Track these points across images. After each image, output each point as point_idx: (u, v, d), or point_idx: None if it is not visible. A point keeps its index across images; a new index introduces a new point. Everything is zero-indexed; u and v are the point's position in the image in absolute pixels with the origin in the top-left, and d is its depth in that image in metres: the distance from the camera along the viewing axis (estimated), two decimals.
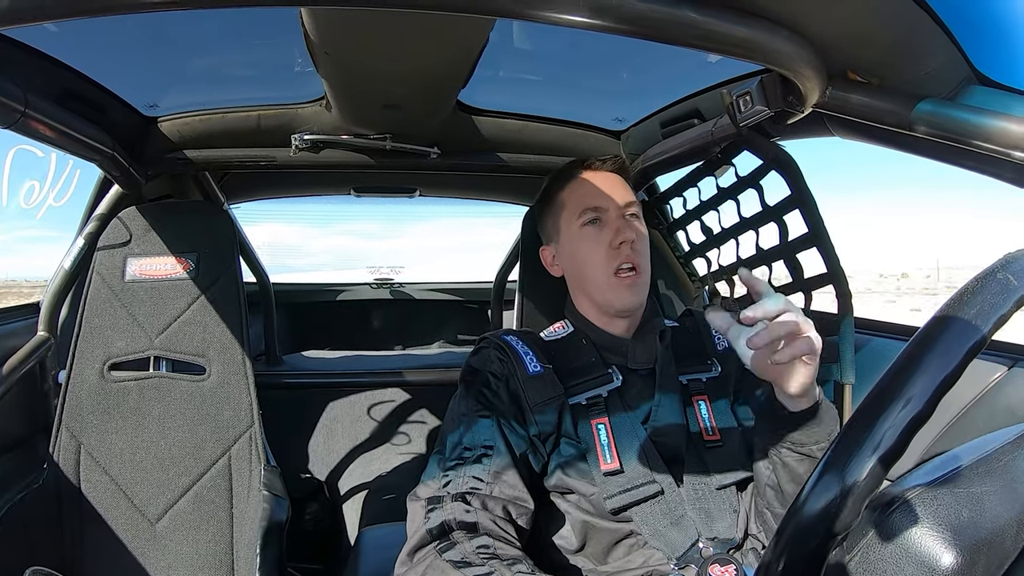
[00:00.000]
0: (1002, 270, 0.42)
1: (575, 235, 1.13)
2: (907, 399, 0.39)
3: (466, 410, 1.03)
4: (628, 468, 0.99)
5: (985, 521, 0.43)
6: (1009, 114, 0.70)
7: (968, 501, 0.43)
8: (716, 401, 1.10)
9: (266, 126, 1.54)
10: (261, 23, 1.18)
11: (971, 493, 0.44)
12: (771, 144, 1.28)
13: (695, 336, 1.19)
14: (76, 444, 1.45)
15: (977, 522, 0.42)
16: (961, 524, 0.42)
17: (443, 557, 0.83)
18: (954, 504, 0.43)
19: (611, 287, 1.09)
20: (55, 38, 1.14)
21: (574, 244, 1.14)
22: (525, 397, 1.03)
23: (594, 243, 1.11)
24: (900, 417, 0.40)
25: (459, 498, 0.92)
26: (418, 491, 0.96)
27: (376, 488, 2.15)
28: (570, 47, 1.31)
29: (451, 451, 0.98)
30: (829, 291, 1.25)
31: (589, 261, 1.11)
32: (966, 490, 0.44)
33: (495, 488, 0.93)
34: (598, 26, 0.68)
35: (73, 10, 0.64)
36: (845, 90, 0.86)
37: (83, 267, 1.56)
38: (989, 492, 0.44)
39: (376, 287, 3.01)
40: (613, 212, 1.12)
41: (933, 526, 0.42)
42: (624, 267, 1.09)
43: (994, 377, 1.10)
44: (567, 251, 1.16)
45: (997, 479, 0.45)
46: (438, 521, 0.88)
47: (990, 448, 0.49)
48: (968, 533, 0.42)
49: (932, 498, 0.43)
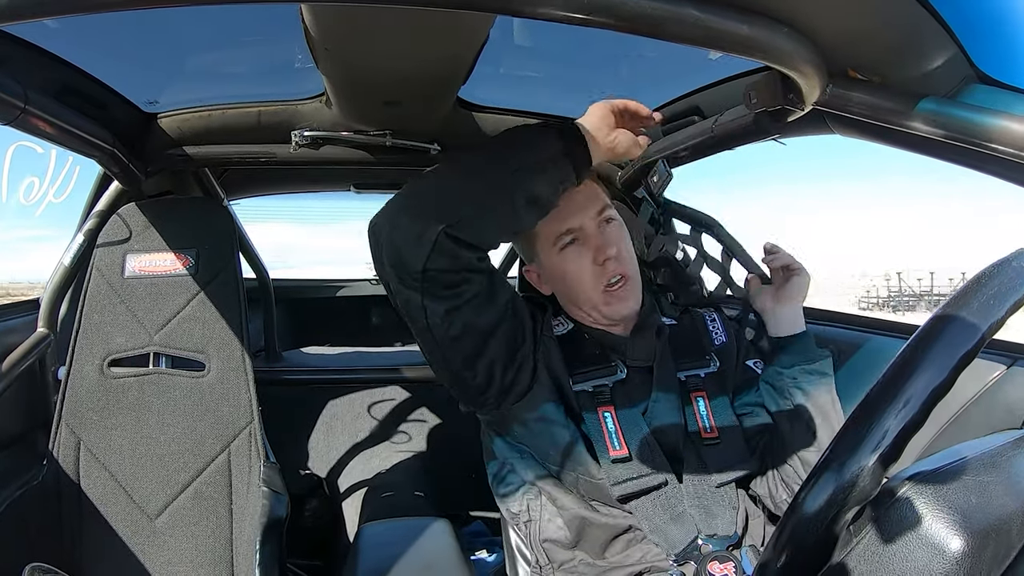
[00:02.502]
0: (1017, 259, 0.42)
1: (556, 259, 1.10)
2: (907, 399, 0.39)
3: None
4: (635, 456, 1.00)
5: (993, 507, 0.42)
6: (1010, 113, 0.69)
7: (975, 488, 0.43)
8: (715, 399, 1.10)
9: (266, 122, 1.54)
10: (261, 19, 1.17)
11: (978, 481, 0.44)
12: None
13: (693, 332, 1.19)
14: (76, 440, 1.45)
15: (985, 507, 0.42)
16: (970, 509, 0.42)
17: None
18: (962, 490, 0.43)
19: (605, 302, 1.08)
20: (55, 34, 1.13)
21: (557, 268, 1.11)
22: (543, 357, 1.07)
23: (577, 264, 1.08)
24: (902, 414, 0.39)
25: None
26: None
27: (375, 485, 2.15)
28: (570, 44, 1.30)
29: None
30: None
31: (577, 281, 1.09)
32: (973, 478, 0.44)
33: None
34: (598, 23, 0.68)
35: (73, 6, 0.64)
36: (846, 88, 0.86)
37: (83, 263, 1.56)
38: (994, 482, 0.44)
39: (376, 283, 3.00)
40: (589, 226, 1.08)
41: (942, 510, 0.41)
42: (613, 281, 1.07)
43: (993, 376, 1.10)
44: (551, 274, 1.13)
45: (1001, 472, 0.45)
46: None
47: (991, 446, 0.49)
48: (977, 518, 0.41)
49: (940, 484, 0.43)
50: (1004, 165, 0.75)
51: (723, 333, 1.19)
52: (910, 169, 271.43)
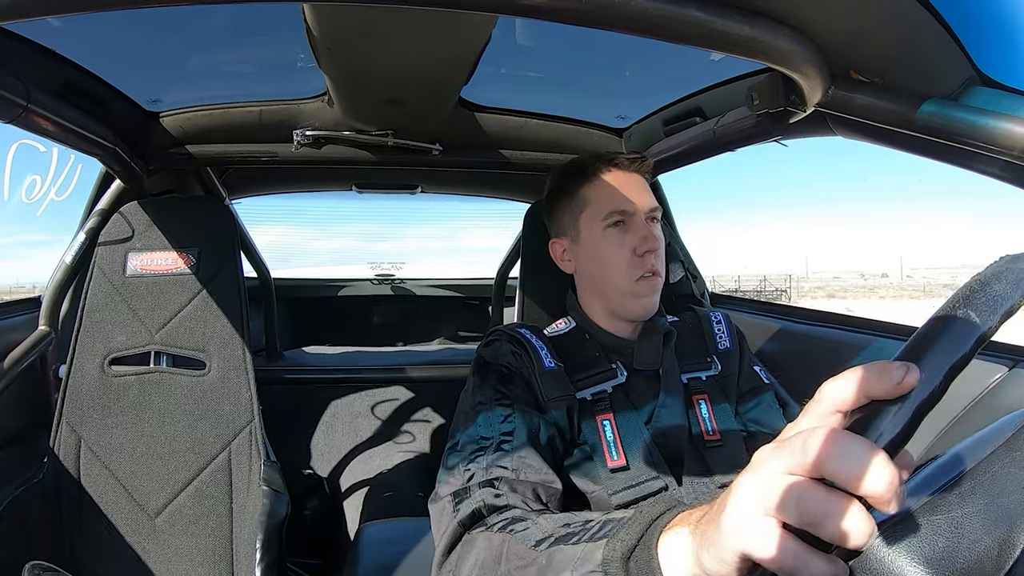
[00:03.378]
0: (961, 307, 0.42)
1: (597, 235, 1.09)
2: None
3: (483, 399, 0.99)
4: (633, 465, 0.98)
5: (963, 549, 0.42)
6: (1012, 115, 0.69)
7: (945, 529, 0.43)
8: (718, 404, 1.09)
9: (268, 121, 1.54)
10: (263, 18, 1.17)
11: (949, 519, 0.43)
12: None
13: (696, 333, 1.19)
14: (76, 439, 1.45)
15: (954, 552, 0.41)
16: (936, 556, 0.41)
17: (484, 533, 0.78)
18: (930, 535, 0.42)
19: (632, 294, 1.07)
20: (57, 33, 1.14)
21: (596, 244, 1.10)
22: (541, 391, 1.01)
23: (618, 247, 1.08)
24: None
25: (487, 484, 0.85)
26: (438, 491, 0.90)
27: (376, 484, 2.15)
28: (573, 44, 1.30)
29: (468, 443, 0.93)
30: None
31: (611, 264, 1.08)
32: (944, 516, 0.43)
33: (521, 473, 0.88)
34: (601, 24, 0.68)
35: (75, 5, 0.64)
36: (847, 89, 0.86)
37: (84, 262, 1.56)
38: (970, 515, 0.43)
39: (377, 283, 3.01)
40: (639, 217, 1.08)
41: (908, 561, 0.41)
42: (646, 275, 1.07)
43: (994, 378, 1.10)
44: (586, 250, 1.12)
45: (981, 496, 0.44)
46: (468, 510, 0.82)
47: (981, 455, 0.48)
48: (944, 565, 0.41)
49: (908, 530, 0.43)
50: (1006, 167, 0.75)
51: (728, 338, 1.18)
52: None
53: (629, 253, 1.07)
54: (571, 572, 0.59)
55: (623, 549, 0.54)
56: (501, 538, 0.74)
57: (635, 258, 1.07)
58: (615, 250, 1.08)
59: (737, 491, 0.42)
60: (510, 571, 0.69)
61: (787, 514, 0.39)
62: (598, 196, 1.10)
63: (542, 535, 0.69)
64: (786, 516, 0.39)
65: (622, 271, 1.07)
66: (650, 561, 0.51)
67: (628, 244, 1.07)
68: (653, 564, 0.50)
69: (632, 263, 1.07)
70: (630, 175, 1.12)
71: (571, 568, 0.60)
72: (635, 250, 1.06)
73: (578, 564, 0.59)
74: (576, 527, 0.67)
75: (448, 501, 0.86)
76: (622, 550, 0.54)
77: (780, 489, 0.39)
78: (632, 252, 1.07)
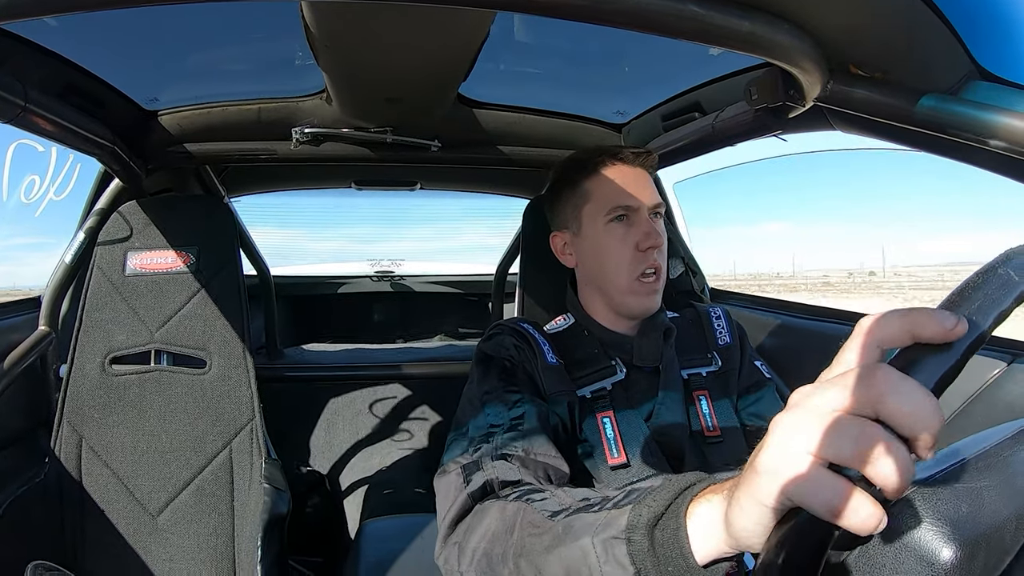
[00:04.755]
0: (1003, 266, 0.42)
1: (600, 230, 1.09)
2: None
3: (490, 388, 0.97)
4: (634, 462, 0.98)
5: (984, 516, 0.42)
6: (1012, 110, 0.69)
7: (967, 496, 0.43)
8: (718, 400, 1.09)
9: (266, 119, 1.54)
10: (261, 16, 1.17)
11: (969, 488, 0.44)
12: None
13: (696, 328, 1.18)
14: (77, 438, 1.45)
15: (976, 516, 0.42)
16: (960, 519, 0.42)
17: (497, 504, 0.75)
18: (952, 499, 0.43)
19: (632, 291, 1.07)
20: (55, 32, 1.13)
21: (598, 239, 1.09)
22: (543, 384, 1.01)
23: (620, 242, 1.07)
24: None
25: (500, 457, 0.83)
26: (446, 467, 0.87)
27: (377, 481, 2.16)
28: (571, 40, 1.30)
29: (476, 429, 0.91)
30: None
31: (613, 260, 1.07)
32: (965, 485, 0.44)
33: (532, 453, 0.86)
34: (599, 19, 0.68)
35: (73, 4, 0.64)
36: (846, 84, 0.86)
37: (84, 261, 1.56)
38: (988, 487, 0.44)
39: (377, 280, 3.01)
40: (643, 212, 1.08)
41: (932, 521, 0.42)
42: (648, 272, 1.06)
43: (993, 373, 1.10)
44: (588, 244, 1.11)
45: (996, 474, 0.45)
46: (480, 482, 0.79)
47: (990, 443, 0.49)
48: (967, 527, 0.42)
49: (930, 494, 0.43)
50: (1005, 162, 0.75)
51: (728, 334, 1.18)
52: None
53: (632, 248, 1.06)
54: (591, 538, 0.56)
55: (650, 515, 0.51)
56: (516, 507, 0.72)
57: (637, 253, 1.06)
58: (617, 245, 1.07)
59: (777, 431, 0.40)
60: (523, 539, 0.67)
61: (840, 452, 0.37)
62: (602, 190, 1.09)
63: (559, 507, 0.67)
64: (839, 454, 0.37)
65: (624, 266, 1.07)
66: (678, 530, 0.48)
67: (631, 239, 1.06)
68: (681, 534, 0.48)
69: (634, 259, 1.06)
70: (634, 170, 1.11)
71: (591, 533, 0.57)
72: (638, 245, 1.06)
73: (599, 529, 0.56)
74: (596, 499, 0.65)
75: (457, 474, 0.84)
76: (648, 516, 0.51)
77: (830, 426, 0.37)
78: (635, 247, 1.06)
